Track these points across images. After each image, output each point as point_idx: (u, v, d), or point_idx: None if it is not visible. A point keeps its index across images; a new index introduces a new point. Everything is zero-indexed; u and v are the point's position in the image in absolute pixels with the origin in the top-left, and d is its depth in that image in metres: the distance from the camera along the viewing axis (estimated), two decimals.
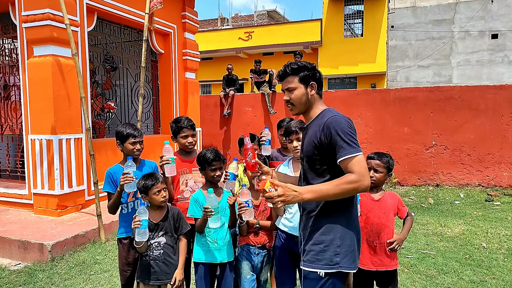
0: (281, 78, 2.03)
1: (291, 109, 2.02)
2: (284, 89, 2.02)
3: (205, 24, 27.81)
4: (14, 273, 4.06)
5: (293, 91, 1.98)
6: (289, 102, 2.00)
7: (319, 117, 1.96)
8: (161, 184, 2.56)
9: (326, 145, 1.85)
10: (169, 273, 2.56)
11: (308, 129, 2.02)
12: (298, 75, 1.97)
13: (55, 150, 5.30)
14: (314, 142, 1.90)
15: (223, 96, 9.96)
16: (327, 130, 1.84)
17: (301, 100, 1.98)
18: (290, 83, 1.98)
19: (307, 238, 1.97)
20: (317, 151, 1.90)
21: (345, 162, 1.79)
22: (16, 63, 5.86)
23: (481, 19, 20.20)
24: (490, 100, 7.72)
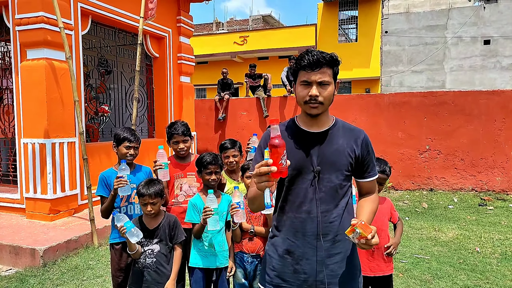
0: (313, 67, 1.60)
1: (316, 107, 1.63)
2: (316, 81, 1.60)
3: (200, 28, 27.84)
4: (5, 278, 3.99)
5: (327, 87, 1.62)
6: (316, 98, 1.61)
7: (341, 126, 1.74)
8: (149, 198, 2.46)
9: (359, 161, 1.72)
10: (161, 283, 2.47)
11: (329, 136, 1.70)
12: (333, 69, 1.65)
13: (48, 154, 5.25)
14: (349, 155, 1.69)
15: (218, 100, 9.96)
16: (366, 147, 1.72)
17: (331, 99, 1.66)
18: (326, 76, 1.61)
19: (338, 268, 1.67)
20: (350, 165, 1.69)
21: (374, 181, 1.79)
22: (9, 66, 5.82)
23: (473, 25, 20.44)
24: (483, 105, 7.79)
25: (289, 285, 1.68)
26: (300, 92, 1.65)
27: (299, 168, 1.67)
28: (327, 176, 1.66)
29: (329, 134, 1.70)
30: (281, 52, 18.37)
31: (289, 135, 1.73)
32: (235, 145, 3.11)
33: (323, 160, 1.66)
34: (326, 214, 1.65)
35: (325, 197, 1.66)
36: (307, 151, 1.68)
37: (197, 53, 12.95)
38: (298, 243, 1.67)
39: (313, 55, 1.60)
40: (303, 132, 1.72)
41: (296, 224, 1.68)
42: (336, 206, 1.67)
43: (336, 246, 1.66)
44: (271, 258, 1.75)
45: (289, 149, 1.63)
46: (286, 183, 1.71)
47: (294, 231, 1.68)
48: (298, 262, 1.66)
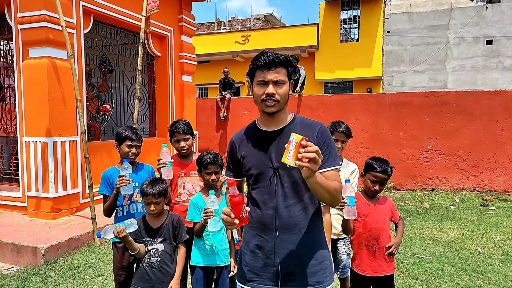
0: (269, 67, 1.68)
1: (273, 106, 1.70)
2: (272, 80, 1.68)
3: (202, 27, 27.85)
4: (7, 277, 4.00)
5: (282, 85, 1.71)
6: (273, 96, 1.69)
7: (299, 122, 1.80)
8: (152, 197, 2.45)
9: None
10: (165, 282, 2.47)
11: (286, 133, 1.75)
12: (287, 69, 1.74)
13: (50, 153, 5.25)
14: None
15: (219, 99, 9.95)
16: (323, 138, 1.75)
17: (287, 97, 1.74)
18: (281, 75, 1.70)
19: (307, 259, 1.74)
20: None
21: (333, 172, 1.73)
22: (11, 64, 5.82)
23: (475, 25, 20.40)
24: (485, 105, 7.77)
25: (261, 278, 1.77)
26: (257, 91, 1.72)
27: (260, 167, 1.77)
28: (287, 172, 1.71)
29: (287, 130, 1.76)
30: (283, 52, 18.22)
31: (250, 137, 1.84)
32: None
33: (282, 156, 1.68)
34: (291, 209, 1.73)
35: (288, 192, 1.73)
36: (266, 150, 1.77)
37: (199, 52, 12.97)
38: (267, 238, 1.75)
39: (269, 56, 1.70)
40: (262, 132, 1.81)
41: (264, 220, 1.76)
42: (301, 200, 1.74)
43: (304, 238, 1.74)
44: (243, 254, 1.85)
45: (249, 151, 1.81)
46: (251, 182, 1.82)
47: (263, 227, 1.76)
48: (268, 256, 1.74)
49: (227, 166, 1.96)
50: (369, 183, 2.57)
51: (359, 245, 2.57)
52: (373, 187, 2.55)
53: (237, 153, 1.86)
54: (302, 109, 9.16)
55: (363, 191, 2.66)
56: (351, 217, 2.32)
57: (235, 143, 1.89)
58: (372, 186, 2.55)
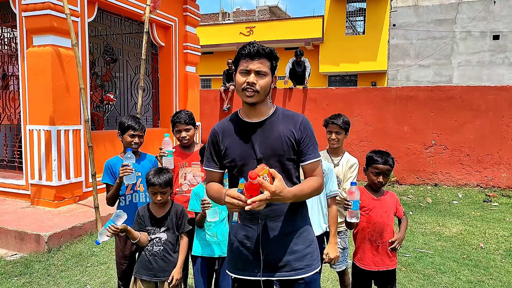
0: (252, 57, 1.72)
1: (252, 96, 1.72)
2: (254, 69, 1.71)
3: (206, 18, 27.69)
4: (10, 263, 4.03)
5: (264, 77, 1.73)
6: (253, 86, 1.71)
7: (281, 114, 1.83)
8: (159, 187, 2.45)
9: (300, 144, 1.79)
10: (167, 271, 2.49)
11: (268, 125, 1.80)
12: (271, 62, 1.78)
13: (53, 141, 5.26)
14: (289, 140, 1.77)
15: (223, 90, 9.92)
16: (305, 130, 1.79)
17: (267, 89, 1.77)
18: (264, 66, 1.73)
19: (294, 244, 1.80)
20: (291, 149, 1.78)
21: (315, 164, 1.81)
22: (15, 52, 5.81)
23: (483, 20, 20.16)
24: (491, 101, 7.71)
25: (250, 267, 1.81)
26: (239, 79, 1.75)
27: (243, 158, 1.79)
28: (270, 162, 1.75)
29: (268, 122, 1.80)
30: (287, 44, 18.23)
31: (232, 127, 1.85)
32: None
33: (265, 148, 1.77)
34: None
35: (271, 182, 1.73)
36: (248, 140, 1.79)
37: (203, 43, 12.88)
38: (254, 227, 1.79)
39: (254, 46, 1.73)
40: (244, 123, 1.83)
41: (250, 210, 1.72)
42: None
43: (290, 225, 1.79)
44: (232, 244, 1.89)
45: (232, 142, 1.82)
46: (235, 173, 1.84)
47: (250, 217, 1.80)
48: (256, 245, 1.79)
49: (209, 158, 1.91)
50: (372, 176, 2.55)
51: (363, 239, 2.56)
52: (377, 179, 2.53)
53: (220, 144, 1.86)
54: (307, 101, 9.12)
55: (367, 185, 2.64)
56: (353, 220, 2.39)
57: (218, 133, 1.88)
58: (375, 178, 2.54)
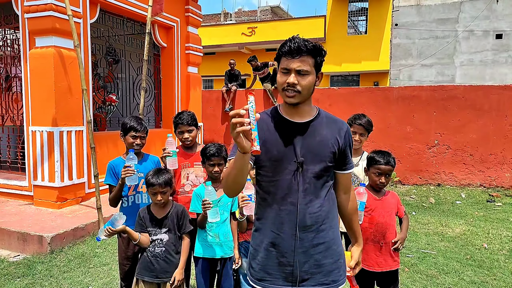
0: (293, 54, 1.56)
1: (293, 97, 1.59)
2: (294, 69, 1.56)
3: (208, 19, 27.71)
4: (13, 264, 4.04)
5: (306, 77, 1.58)
6: (294, 87, 1.58)
7: (324, 117, 1.71)
8: (159, 187, 2.45)
9: (341, 152, 1.71)
10: (169, 272, 2.49)
11: (312, 127, 1.67)
12: (315, 59, 1.59)
13: (56, 142, 5.27)
14: (333, 146, 1.67)
15: (225, 91, 9.92)
16: (348, 138, 1.73)
17: (310, 89, 1.62)
18: (306, 64, 1.57)
19: (323, 257, 1.68)
20: (333, 156, 1.68)
21: (350, 174, 1.80)
22: (18, 54, 5.82)
23: (485, 19, 20.09)
24: (494, 100, 7.67)
25: (274, 278, 1.67)
26: (279, 79, 1.63)
27: (281, 159, 1.64)
28: (311, 167, 1.63)
29: (312, 125, 1.67)
30: None
31: (272, 123, 1.69)
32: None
33: (307, 151, 1.63)
34: (310, 205, 1.64)
35: (309, 188, 1.64)
36: (289, 141, 1.64)
37: (205, 44, 12.90)
38: (283, 235, 1.65)
39: (295, 42, 1.57)
40: (286, 121, 1.68)
41: (281, 216, 1.65)
42: (319, 197, 1.67)
43: (320, 236, 1.67)
44: (255, 251, 1.73)
45: (271, 138, 1.66)
46: (268, 173, 1.67)
47: (279, 223, 1.65)
48: (283, 255, 1.65)
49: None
50: (374, 176, 2.55)
51: (366, 240, 2.55)
52: (379, 180, 2.52)
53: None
54: None
55: (368, 185, 2.63)
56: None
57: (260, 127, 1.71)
58: (377, 179, 2.53)
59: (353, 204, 1.87)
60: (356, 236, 1.93)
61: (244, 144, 1.38)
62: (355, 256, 1.90)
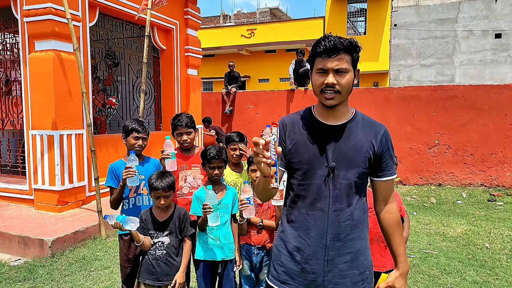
0: (329, 53, 1.48)
1: (332, 98, 1.51)
2: (332, 68, 1.49)
3: (207, 21, 27.76)
4: (14, 268, 4.03)
5: (345, 75, 1.50)
6: (333, 87, 1.50)
7: (360, 120, 1.62)
8: (163, 191, 2.44)
9: (377, 157, 1.60)
10: (170, 275, 2.48)
11: (346, 130, 1.59)
12: (352, 56, 1.52)
13: (56, 146, 5.27)
14: (368, 151, 1.58)
15: (225, 93, 9.92)
16: (386, 143, 1.60)
17: (349, 88, 1.54)
18: (344, 62, 1.49)
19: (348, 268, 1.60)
20: (368, 162, 1.59)
21: (391, 182, 1.66)
22: (18, 57, 5.83)
23: (484, 19, 20.11)
24: (494, 99, 7.67)
25: (296, 283, 1.61)
26: (316, 80, 1.54)
27: (312, 163, 1.58)
28: (342, 173, 1.56)
29: (347, 128, 1.58)
30: (289, 45, 18.25)
31: (304, 126, 1.62)
32: (243, 138, 3.10)
33: (339, 156, 1.56)
34: (339, 213, 1.57)
35: (339, 195, 1.57)
36: (322, 145, 1.57)
37: (204, 46, 12.91)
38: (309, 241, 1.59)
39: (330, 41, 1.48)
40: (320, 124, 1.60)
41: (309, 221, 1.60)
42: (350, 205, 1.59)
43: (347, 245, 1.59)
44: (280, 253, 1.68)
45: (302, 142, 1.60)
46: (298, 176, 1.62)
47: (306, 228, 1.60)
48: (307, 261, 1.59)
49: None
50: None
51: (370, 240, 2.53)
52: None
53: (287, 138, 1.63)
54: (308, 103, 9.07)
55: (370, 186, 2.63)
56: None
57: (287, 125, 1.65)
58: None
59: (392, 217, 1.67)
60: (395, 255, 1.68)
61: (265, 171, 1.36)
62: (390, 279, 1.66)
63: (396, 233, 1.67)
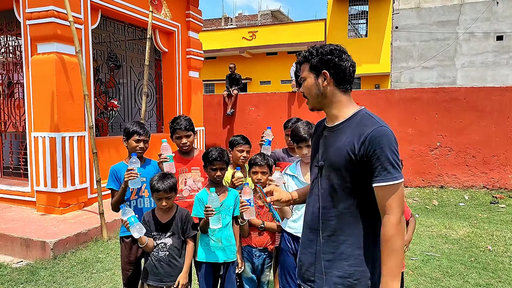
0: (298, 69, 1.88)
1: (307, 103, 1.76)
2: (299, 82, 1.82)
3: (209, 23, 27.83)
4: (16, 270, 4.04)
5: (304, 82, 1.70)
6: (303, 93, 1.75)
7: (355, 121, 1.59)
8: (164, 193, 2.44)
9: (364, 161, 1.50)
10: (173, 276, 2.49)
11: (336, 132, 1.63)
12: (309, 62, 1.65)
13: (58, 148, 5.28)
14: (349, 154, 1.52)
15: (226, 95, 9.94)
16: (370, 145, 1.47)
17: (311, 92, 1.66)
18: (302, 72, 1.71)
19: (329, 266, 1.61)
20: (352, 166, 1.53)
21: (385, 189, 1.47)
22: (20, 60, 5.86)
23: (486, 21, 20.12)
24: (496, 101, 7.66)
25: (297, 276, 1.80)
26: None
27: (311, 161, 1.77)
28: (327, 173, 1.62)
29: (338, 130, 1.62)
30: (290, 48, 18.28)
31: (318, 129, 1.83)
32: (248, 141, 3.11)
33: (326, 157, 1.64)
34: (324, 211, 1.63)
35: (324, 194, 1.63)
36: (317, 145, 1.74)
37: (206, 48, 12.94)
38: (304, 234, 1.76)
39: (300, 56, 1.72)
40: (323, 126, 1.75)
41: (306, 215, 1.77)
42: (334, 207, 1.59)
43: (330, 244, 1.60)
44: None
45: (313, 142, 1.83)
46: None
47: (305, 222, 1.77)
48: (302, 252, 1.75)
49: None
50: None
51: None
52: None
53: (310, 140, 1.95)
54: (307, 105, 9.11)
55: None
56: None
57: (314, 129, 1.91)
58: None
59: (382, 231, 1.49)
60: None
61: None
62: None
63: (382, 248, 1.49)
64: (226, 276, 2.66)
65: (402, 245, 1.47)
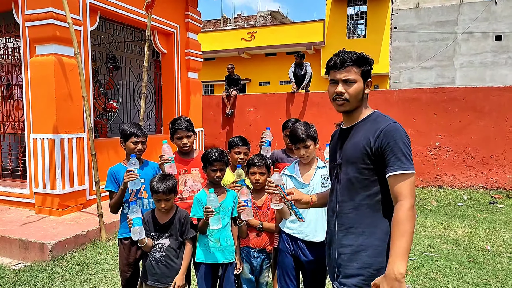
0: (338, 66, 1.73)
1: (342, 105, 1.74)
2: (341, 79, 1.72)
3: (208, 24, 27.85)
4: (15, 272, 4.04)
5: (352, 84, 1.71)
6: (342, 95, 1.73)
7: (370, 120, 1.75)
8: (163, 195, 2.45)
9: (379, 153, 1.64)
10: (170, 277, 2.49)
11: (353, 130, 1.78)
12: (361, 68, 1.73)
13: (57, 150, 5.28)
14: (365, 148, 1.67)
15: (225, 96, 9.94)
16: (385, 138, 1.63)
17: (358, 96, 1.73)
18: (351, 74, 1.71)
19: (348, 259, 1.72)
20: (368, 160, 1.67)
21: (398, 178, 1.58)
22: (19, 62, 5.85)
23: (484, 21, 20.16)
24: (495, 101, 7.67)
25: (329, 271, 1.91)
26: (329, 90, 1.80)
27: (331, 161, 1.92)
28: (344, 169, 1.77)
29: (354, 129, 1.79)
30: (289, 48, 18.30)
31: (336, 132, 1.97)
32: (246, 143, 3.12)
33: (344, 154, 1.79)
34: (342, 205, 1.77)
35: (342, 189, 1.78)
36: (336, 146, 1.87)
37: (205, 49, 12.95)
38: (328, 228, 1.90)
39: (340, 55, 1.74)
40: (340, 128, 1.91)
41: (328, 212, 1.91)
42: (352, 199, 1.74)
43: (348, 237, 1.74)
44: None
45: (332, 144, 1.97)
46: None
47: (327, 216, 1.92)
48: (326, 251, 1.91)
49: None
50: None
51: None
52: None
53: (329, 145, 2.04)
54: (309, 105, 9.12)
55: None
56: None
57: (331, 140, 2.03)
58: None
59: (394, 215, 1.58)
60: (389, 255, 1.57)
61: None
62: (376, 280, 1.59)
63: (393, 230, 1.57)
64: (225, 277, 2.66)
65: (412, 229, 1.55)
